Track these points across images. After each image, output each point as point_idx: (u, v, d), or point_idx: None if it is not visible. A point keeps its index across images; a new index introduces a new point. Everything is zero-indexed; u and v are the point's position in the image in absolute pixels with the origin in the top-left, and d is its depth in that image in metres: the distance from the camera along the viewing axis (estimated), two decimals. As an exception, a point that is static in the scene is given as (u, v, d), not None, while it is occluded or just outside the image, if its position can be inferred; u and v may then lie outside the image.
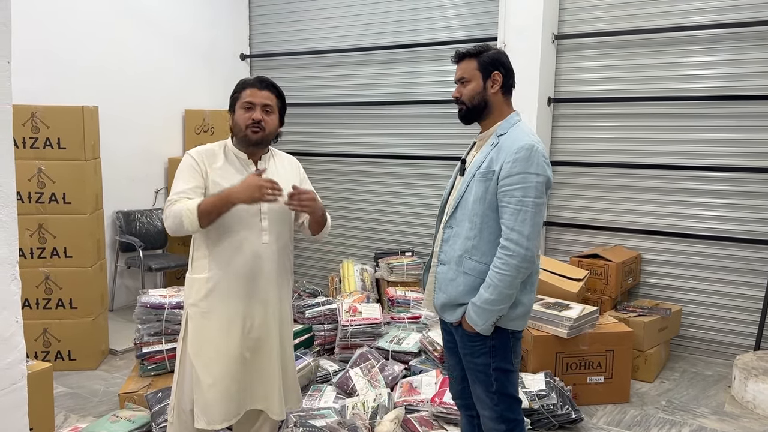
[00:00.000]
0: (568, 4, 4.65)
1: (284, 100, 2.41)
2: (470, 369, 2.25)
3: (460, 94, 2.23)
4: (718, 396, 3.74)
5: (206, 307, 2.32)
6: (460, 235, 2.16)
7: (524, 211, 2.04)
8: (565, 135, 4.78)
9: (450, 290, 2.18)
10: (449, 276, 2.19)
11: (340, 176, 5.72)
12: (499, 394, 2.20)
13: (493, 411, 2.22)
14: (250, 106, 2.30)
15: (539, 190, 2.06)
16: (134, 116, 5.18)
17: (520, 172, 2.04)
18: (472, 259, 2.13)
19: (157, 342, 3.47)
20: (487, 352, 2.17)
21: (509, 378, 2.22)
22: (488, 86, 2.19)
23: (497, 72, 2.19)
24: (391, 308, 4.39)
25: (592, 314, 3.59)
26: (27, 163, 3.76)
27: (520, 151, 2.05)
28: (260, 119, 2.28)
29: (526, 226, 2.04)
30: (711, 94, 4.24)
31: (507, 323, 2.14)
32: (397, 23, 5.33)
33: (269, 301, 2.37)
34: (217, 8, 5.84)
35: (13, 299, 1.69)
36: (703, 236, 4.35)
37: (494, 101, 2.21)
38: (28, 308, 3.86)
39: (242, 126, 2.30)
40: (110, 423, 3.00)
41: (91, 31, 4.83)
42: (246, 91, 2.32)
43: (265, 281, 2.35)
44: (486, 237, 2.11)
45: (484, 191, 2.11)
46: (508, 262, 2.04)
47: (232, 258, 2.30)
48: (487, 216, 2.11)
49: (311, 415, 3.02)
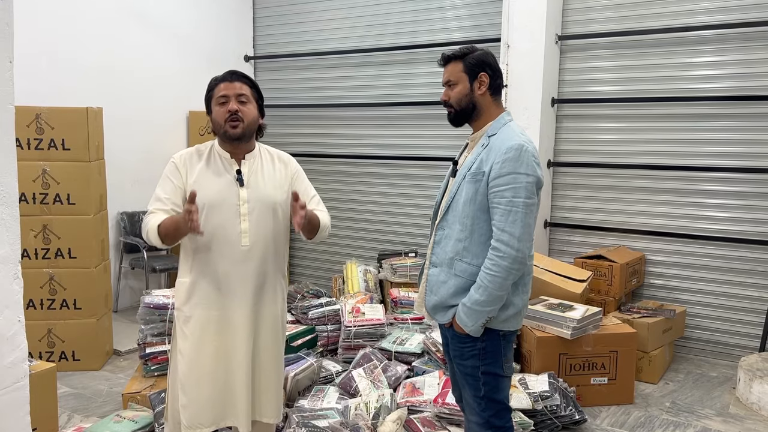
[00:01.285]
0: (572, 4, 4.64)
1: (259, 91, 2.35)
2: (459, 372, 2.23)
3: (448, 97, 2.22)
4: (722, 397, 3.72)
5: (188, 311, 2.30)
6: (452, 237, 2.15)
7: (515, 211, 2.02)
8: (569, 136, 4.77)
9: (441, 292, 2.17)
10: (441, 278, 2.17)
11: (344, 177, 5.73)
12: (487, 400, 2.17)
13: (479, 416, 2.19)
14: (225, 99, 2.25)
15: (529, 190, 2.04)
16: (138, 117, 5.20)
17: (510, 173, 2.03)
18: (463, 261, 2.11)
19: (160, 342, 3.48)
20: (476, 354, 2.15)
21: (499, 384, 2.18)
22: (475, 88, 2.17)
23: (483, 73, 2.16)
24: (394, 309, 4.38)
25: (595, 315, 3.57)
26: (31, 164, 3.78)
27: (510, 151, 2.03)
28: (236, 109, 2.23)
29: (517, 227, 2.02)
30: (716, 94, 4.22)
31: (498, 325, 2.12)
32: (401, 24, 5.33)
33: (248, 307, 2.29)
34: (221, 10, 5.86)
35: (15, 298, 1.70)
36: (708, 237, 4.33)
37: (482, 102, 2.19)
38: (32, 309, 3.87)
39: (221, 122, 2.25)
40: (113, 423, 3.00)
41: (96, 33, 4.85)
42: (218, 86, 2.28)
43: (244, 286, 2.28)
44: (477, 239, 2.10)
45: (474, 192, 2.09)
46: (498, 263, 2.02)
47: (210, 262, 2.26)
48: (477, 218, 2.09)
49: (314, 416, 3.02)
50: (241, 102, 2.26)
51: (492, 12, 4.88)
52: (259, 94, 2.35)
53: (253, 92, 2.32)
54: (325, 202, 2.54)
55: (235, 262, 2.27)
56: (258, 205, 2.28)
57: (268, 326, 2.38)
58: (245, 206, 2.26)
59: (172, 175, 2.30)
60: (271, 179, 2.34)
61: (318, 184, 2.58)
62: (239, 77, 2.29)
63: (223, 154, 2.32)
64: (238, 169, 2.29)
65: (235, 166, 2.30)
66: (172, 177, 2.30)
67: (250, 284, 2.30)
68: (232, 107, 2.23)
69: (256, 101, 2.32)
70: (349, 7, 5.55)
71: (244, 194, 2.27)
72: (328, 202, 2.66)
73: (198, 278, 2.29)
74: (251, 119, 2.28)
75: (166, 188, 2.28)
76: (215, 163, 2.31)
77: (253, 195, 2.28)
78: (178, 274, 2.38)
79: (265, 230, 2.31)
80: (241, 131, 2.25)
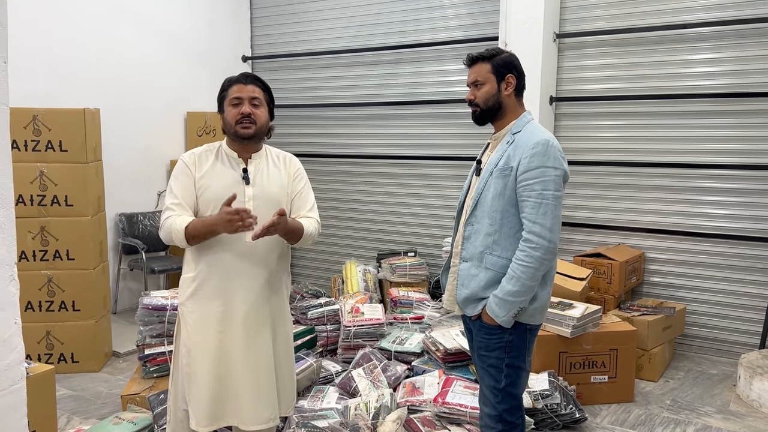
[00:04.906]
0: (569, 2, 4.64)
1: (271, 94, 2.41)
2: (483, 364, 2.28)
3: (474, 97, 2.28)
4: (723, 395, 3.72)
5: (191, 307, 2.32)
6: (481, 231, 2.21)
7: (545, 204, 2.09)
8: (567, 134, 4.76)
9: (472, 285, 2.23)
10: (472, 272, 2.23)
11: (342, 177, 5.72)
12: (504, 393, 2.23)
13: (494, 408, 2.25)
14: (238, 101, 2.30)
15: (557, 183, 2.11)
16: (136, 118, 5.19)
17: (539, 166, 2.10)
18: (493, 255, 2.18)
19: (159, 344, 3.47)
20: (503, 346, 2.21)
21: (519, 377, 2.25)
22: (502, 89, 2.25)
23: (511, 75, 2.24)
24: (393, 309, 4.38)
25: (595, 313, 3.57)
26: (29, 166, 3.76)
27: (537, 146, 2.11)
28: (249, 113, 2.28)
29: (548, 219, 2.09)
30: (714, 91, 4.21)
31: (526, 318, 2.18)
32: (397, 24, 5.33)
33: (252, 302, 2.32)
34: (218, 10, 5.85)
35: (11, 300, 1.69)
36: (708, 234, 4.33)
37: (508, 103, 2.26)
38: (30, 311, 3.86)
39: (232, 123, 2.30)
40: (113, 425, 2.99)
41: (93, 34, 4.84)
42: (233, 88, 2.32)
43: (248, 282, 2.31)
44: (506, 232, 2.17)
45: (503, 187, 2.15)
46: (531, 254, 2.09)
47: (215, 258, 2.29)
48: (507, 211, 2.16)
49: (314, 416, 3.01)
50: (254, 105, 2.31)
51: (489, 10, 4.87)
52: (270, 97, 2.40)
53: (266, 95, 2.37)
54: (323, 202, 2.55)
55: (239, 257, 2.29)
56: (263, 203, 2.31)
57: (277, 321, 2.41)
58: (250, 203, 2.29)
59: (182, 174, 2.33)
60: (275, 179, 2.38)
61: (316, 184, 2.59)
62: (253, 80, 2.34)
63: (231, 154, 2.36)
64: (244, 168, 2.33)
65: (241, 165, 2.35)
66: (184, 175, 2.33)
67: (254, 280, 2.33)
68: (245, 110, 2.28)
69: (268, 104, 2.38)
70: (347, 6, 5.55)
71: (249, 192, 2.31)
72: (326, 202, 2.66)
73: (203, 273, 2.31)
74: (263, 122, 2.34)
75: (180, 188, 2.31)
76: (223, 161, 2.35)
77: (258, 193, 2.33)
78: (182, 270, 2.39)
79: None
80: (253, 132, 2.31)
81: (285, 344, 2.48)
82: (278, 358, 2.42)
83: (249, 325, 2.32)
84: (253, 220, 2.13)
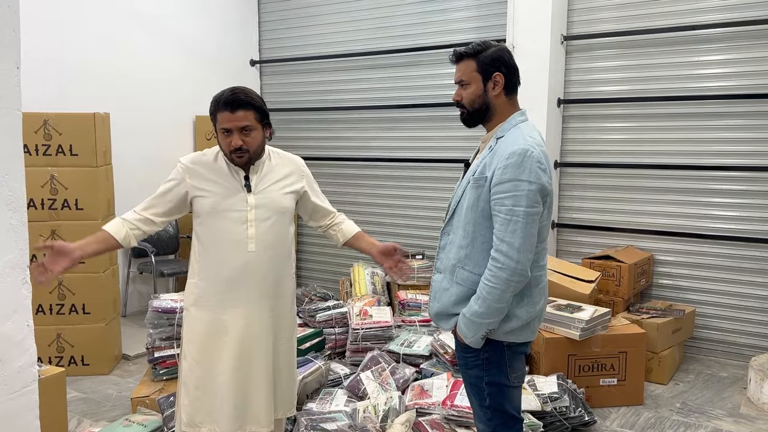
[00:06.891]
0: (577, 4, 4.63)
1: (263, 110, 2.26)
2: (464, 381, 2.18)
3: (461, 98, 2.10)
4: (733, 398, 3.70)
5: (195, 312, 2.32)
6: (455, 243, 2.06)
7: (514, 221, 1.89)
8: (575, 136, 4.75)
9: (443, 300, 2.09)
10: (443, 285, 2.09)
11: (351, 180, 5.73)
12: (492, 410, 2.08)
13: (486, 425, 2.11)
14: (228, 133, 2.21)
15: (531, 198, 1.89)
16: (145, 122, 5.22)
17: (511, 179, 1.89)
18: (465, 269, 2.02)
19: (168, 346, 3.48)
20: (480, 364, 2.06)
21: (505, 393, 2.08)
22: (489, 88, 2.04)
23: (498, 73, 2.02)
24: (401, 311, 4.38)
25: (604, 316, 3.56)
26: (39, 170, 3.80)
27: (512, 157, 1.90)
28: (240, 145, 2.19)
29: (517, 238, 1.89)
30: (723, 93, 4.20)
31: (501, 336, 2.01)
32: (405, 27, 5.33)
33: (256, 310, 2.31)
34: (226, 15, 5.88)
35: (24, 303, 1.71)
36: (717, 236, 4.31)
37: (496, 103, 2.06)
38: (41, 314, 3.89)
39: (226, 150, 2.26)
40: (123, 427, 3.01)
41: (103, 39, 4.88)
42: (221, 115, 2.20)
43: (251, 290, 2.30)
44: (479, 246, 1.99)
45: (476, 199, 1.98)
46: (497, 274, 1.90)
47: (218, 266, 2.29)
48: (479, 224, 1.98)
49: (322, 419, 3.01)
50: (244, 133, 2.21)
51: (497, 13, 4.87)
52: (263, 113, 2.27)
53: (257, 115, 2.23)
54: (333, 205, 2.58)
55: (241, 266, 2.28)
56: (265, 210, 2.30)
57: (278, 326, 2.40)
58: (252, 212, 2.27)
59: (175, 177, 2.35)
60: (278, 184, 2.35)
61: (325, 187, 2.61)
62: (240, 105, 2.18)
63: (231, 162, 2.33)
64: (246, 176, 2.30)
65: (242, 173, 2.31)
66: (174, 180, 2.35)
67: (256, 288, 2.31)
68: (236, 143, 2.19)
69: (261, 122, 2.26)
70: (354, 10, 5.56)
71: (251, 200, 2.29)
72: (334, 204, 2.68)
73: (205, 281, 2.31)
74: (256, 146, 2.25)
75: (158, 196, 2.38)
76: (222, 168, 2.32)
77: (260, 201, 2.30)
78: (188, 274, 2.40)
79: (272, 235, 2.32)
80: (247, 160, 2.26)
81: (288, 350, 2.46)
82: (278, 363, 2.40)
83: (252, 332, 2.31)
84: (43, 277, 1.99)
